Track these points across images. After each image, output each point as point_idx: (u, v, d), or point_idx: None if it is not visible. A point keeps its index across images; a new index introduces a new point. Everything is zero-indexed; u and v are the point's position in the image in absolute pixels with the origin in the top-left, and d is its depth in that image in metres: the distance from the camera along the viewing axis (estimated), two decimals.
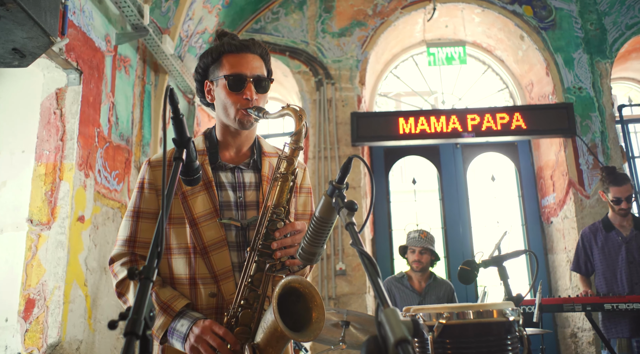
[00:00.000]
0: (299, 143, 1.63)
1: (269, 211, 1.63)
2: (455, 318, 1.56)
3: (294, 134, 1.63)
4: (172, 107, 1.36)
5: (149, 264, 1.08)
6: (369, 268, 1.10)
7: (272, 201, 1.64)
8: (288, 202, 1.65)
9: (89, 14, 3.72)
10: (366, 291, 5.14)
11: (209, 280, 1.65)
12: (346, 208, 1.29)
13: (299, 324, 1.57)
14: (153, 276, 1.05)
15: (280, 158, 1.67)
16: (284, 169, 1.64)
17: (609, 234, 3.78)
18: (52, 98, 3.58)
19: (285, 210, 1.64)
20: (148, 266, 1.06)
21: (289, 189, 1.65)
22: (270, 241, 1.61)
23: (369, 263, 1.11)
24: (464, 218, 5.75)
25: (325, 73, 5.75)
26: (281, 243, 1.60)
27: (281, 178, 1.65)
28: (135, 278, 1.04)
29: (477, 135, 5.34)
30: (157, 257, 1.10)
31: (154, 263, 1.08)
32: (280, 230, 1.61)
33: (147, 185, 1.75)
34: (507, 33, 5.88)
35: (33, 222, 3.37)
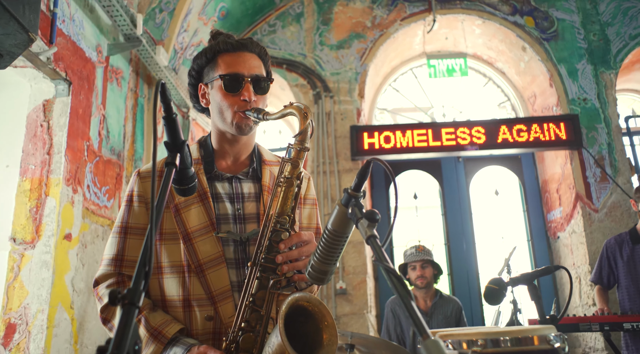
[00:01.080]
0: (304, 144, 1.47)
1: (271, 220, 1.46)
2: (491, 345, 1.36)
3: (299, 134, 1.46)
4: (164, 105, 1.20)
5: (135, 286, 0.90)
6: (399, 289, 0.93)
7: (275, 210, 1.46)
8: (293, 210, 1.48)
9: (79, 23, 3.58)
10: (368, 310, 4.92)
11: (205, 302, 1.48)
12: (366, 219, 1.11)
13: (308, 347, 1.40)
14: (139, 301, 0.87)
15: (284, 161, 1.50)
16: (288, 173, 1.47)
17: (636, 247, 3.59)
18: (39, 110, 3.40)
19: (290, 219, 1.47)
20: (133, 289, 0.89)
21: (294, 195, 1.48)
22: (274, 254, 1.44)
23: (399, 283, 0.94)
24: (467, 234, 5.57)
25: (323, 86, 5.61)
26: (287, 256, 1.43)
27: (285, 183, 1.47)
28: (117, 304, 0.86)
29: (480, 148, 5.19)
30: (144, 278, 0.93)
31: (140, 285, 0.91)
32: (285, 242, 1.43)
33: (137, 197, 1.59)
34: (508, 44, 5.78)
35: (16, 241, 3.17)
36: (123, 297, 0.87)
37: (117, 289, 0.87)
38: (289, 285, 1.49)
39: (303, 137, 1.46)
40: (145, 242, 0.93)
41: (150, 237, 0.96)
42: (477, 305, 5.35)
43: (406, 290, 0.93)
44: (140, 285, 0.91)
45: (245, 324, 1.40)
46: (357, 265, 5.05)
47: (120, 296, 0.87)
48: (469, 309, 5.21)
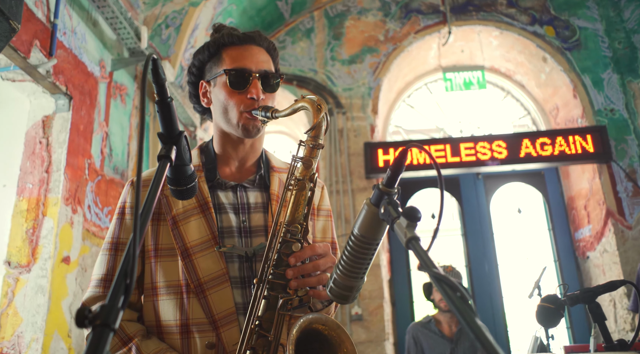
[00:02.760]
0: (318, 140, 1.26)
1: (281, 230, 1.24)
2: None
3: (312, 128, 1.26)
4: (156, 86, 1.00)
5: (111, 303, 0.69)
6: (457, 304, 0.69)
7: (284, 217, 1.25)
8: (306, 218, 1.26)
9: (81, 36, 3.43)
10: (385, 338, 4.62)
11: (206, 327, 1.28)
12: (405, 218, 0.89)
13: None
14: (114, 322, 0.67)
15: (295, 160, 1.28)
16: (300, 174, 1.26)
17: None
18: (38, 127, 3.24)
19: (303, 228, 1.25)
20: (108, 307, 0.69)
21: (307, 201, 1.26)
22: (283, 269, 1.23)
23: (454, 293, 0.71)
24: (489, 255, 5.27)
25: (335, 102, 5.42)
26: (299, 270, 1.22)
27: (296, 187, 1.25)
28: (87, 325, 0.65)
29: (501, 163, 4.94)
30: (124, 293, 0.71)
31: (117, 302, 0.70)
32: (296, 255, 1.22)
33: (129, 209, 1.40)
34: (527, 55, 5.57)
35: (11, 264, 2.96)
36: (94, 317, 0.66)
37: (87, 307, 0.66)
38: (302, 305, 1.26)
39: (317, 132, 1.26)
40: (127, 249, 0.73)
41: (133, 243, 0.74)
42: (502, 331, 5.02)
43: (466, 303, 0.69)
44: (118, 302, 0.70)
45: (250, 352, 1.19)
46: (374, 289, 4.78)
47: (90, 315, 0.66)
48: (492, 333, 4.88)
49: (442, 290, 0.71)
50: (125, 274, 0.72)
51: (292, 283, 1.21)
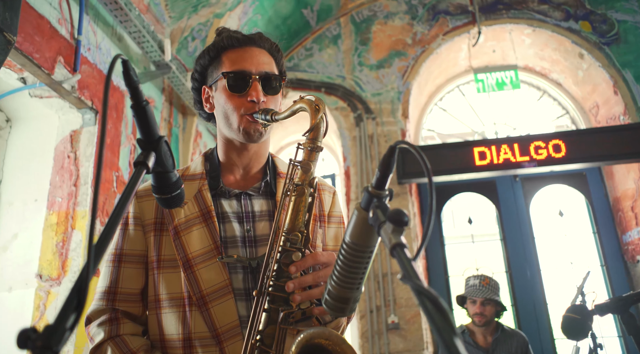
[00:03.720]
0: (316, 143, 1.20)
1: (280, 238, 1.18)
2: None
3: (310, 130, 1.20)
4: (130, 89, 0.95)
5: (56, 323, 0.64)
6: (434, 316, 0.63)
7: (283, 225, 1.19)
8: (307, 225, 1.20)
9: (106, 51, 3.49)
10: (424, 347, 4.47)
11: (209, 341, 1.23)
12: (390, 223, 0.81)
13: None
14: (58, 344, 0.62)
15: (292, 164, 1.22)
16: (299, 179, 1.20)
17: None
18: (66, 141, 3.29)
19: (304, 236, 1.19)
20: (52, 328, 0.64)
21: (307, 207, 1.21)
22: (284, 280, 1.17)
23: (435, 309, 0.64)
24: (530, 260, 5.04)
25: (364, 107, 5.34)
26: (300, 282, 1.15)
27: (295, 193, 1.19)
28: (27, 347, 0.59)
29: (539, 164, 4.73)
30: (75, 310, 0.67)
31: (65, 322, 0.65)
32: (296, 264, 1.16)
33: (132, 220, 1.37)
34: (563, 53, 5.35)
35: (42, 277, 3.01)
36: (36, 338, 0.61)
37: (30, 328, 0.61)
38: (305, 318, 1.19)
39: (315, 134, 1.21)
40: (81, 271, 0.67)
41: (89, 254, 0.70)
42: (548, 340, 4.77)
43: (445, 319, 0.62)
44: (66, 322, 0.65)
45: None
46: (410, 297, 4.64)
47: (33, 336, 0.61)
48: (537, 344, 4.65)
49: (422, 305, 0.63)
50: (78, 292, 0.67)
51: (296, 297, 1.15)
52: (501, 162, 4.81)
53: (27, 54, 2.77)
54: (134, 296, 1.32)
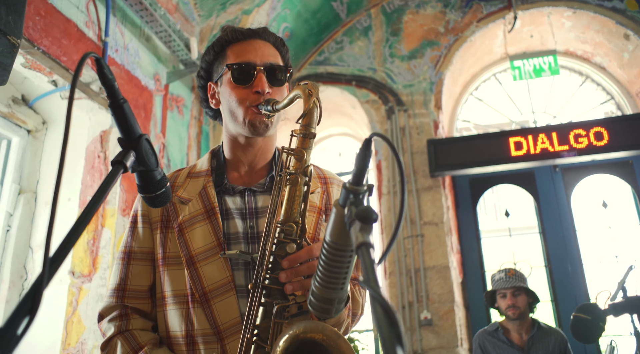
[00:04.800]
0: (309, 129, 1.18)
1: (274, 229, 1.17)
2: None
3: (302, 116, 1.18)
4: (105, 88, 0.95)
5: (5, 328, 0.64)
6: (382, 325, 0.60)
7: (277, 216, 1.18)
8: (302, 216, 1.17)
9: (134, 52, 3.56)
10: (458, 344, 4.37)
11: (211, 338, 1.24)
12: (358, 221, 0.79)
13: None
14: (7, 350, 0.62)
15: (286, 152, 1.21)
16: (293, 168, 1.18)
17: None
18: (96, 142, 3.39)
19: (298, 227, 1.17)
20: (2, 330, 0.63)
21: (302, 197, 1.18)
22: (278, 272, 1.15)
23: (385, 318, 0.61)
24: (572, 254, 4.83)
25: (395, 99, 5.25)
26: (293, 272, 1.13)
27: (289, 182, 1.17)
28: None
29: (579, 153, 4.51)
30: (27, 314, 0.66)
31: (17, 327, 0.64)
32: (290, 258, 1.14)
33: (141, 218, 1.39)
34: (606, 34, 5.08)
35: (75, 274, 3.11)
36: None
37: None
38: (302, 313, 1.17)
39: (308, 119, 1.18)
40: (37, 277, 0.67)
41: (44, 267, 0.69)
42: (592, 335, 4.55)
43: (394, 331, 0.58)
44: (17, 327, 0.64)
45: None
46: (443, 293, 4.54)
47: None
48: (580, 344, 4.44)
49: (374, 311, 0.60)
50: (33, 297, 0.66)
51: (288, 287, 1.13)
52: (538, 151, 4.63)
53: (54, 58, 2.86)
54: (142, 293, 1.34)
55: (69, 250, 0.74)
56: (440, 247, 4.67)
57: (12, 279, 3.07)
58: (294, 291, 1.13)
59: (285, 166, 1.22)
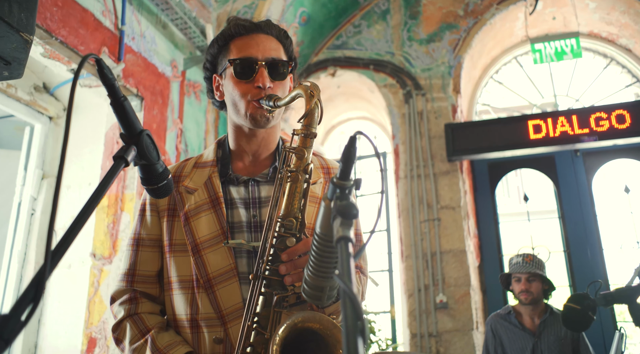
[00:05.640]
0: (310, 129, 1.23)
1: (274, 223, 1.22)
2: None
3: (304, 116, 1.23)
4: (106, 87, 0.99)
5: (10, 314, 0.68)
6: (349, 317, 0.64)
7: (279, 211, 1.23)
8: (302, 211, 1.23)
9: (150, 39, 3.62)
10: (473, 327, 4.40)
11: (215, 322, 1.30)
12: (339, 216, 0.82)
13: None
14: (10, 335, 0.66)
15: (287, 150, 1.26)
16: (294, 165, 1.23)
17: None
18: (115, 128, 3.47)
19: (298, 221, 1.22)
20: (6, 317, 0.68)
21: (302, 193, 1.23)
22: (278, 264, 1.20)
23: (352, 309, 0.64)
24: (592, 239, 4.77)
25: (414, 83, 5.21)
26: (292, 265, 1.18)
27: (290, 179, 1.22)
28: None
29: (600, 137, 4.44)
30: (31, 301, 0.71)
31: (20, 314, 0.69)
32: (288, 251, 1.19)
33: (149, 206, 1.45)
34: (633, 15, 4.93)
35: (96, 256, 3.23)
36: None
37: None
38: (300, 302, 1.22)
39: (309, 120, 1.23)
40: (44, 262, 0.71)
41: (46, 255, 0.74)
42: (610, 326, 4.52)
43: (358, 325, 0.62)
44: (21, 314, 0.69)
45: (250, 349, 1.18)
46: (459, 276, 4.55)
47: None
48: (598, 330, 4.43)
49: (343, 304, 0.64)
50: (37, 285, 0.71)
51: (287, 279, 1.19)
52: (558, 135, 4.56)
53: (72, 47, 2.93)
54: (151, 278, 1.41)
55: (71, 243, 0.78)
56: (456, 231, 4.67)
57: (37, 260, 3.21)
58: (293, 282, 1.18)
59: (287, 164, 1.26)
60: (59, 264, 0.77)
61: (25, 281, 3.15)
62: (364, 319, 0.62)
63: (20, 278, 3.16)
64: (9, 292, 3.11)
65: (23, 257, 3.20)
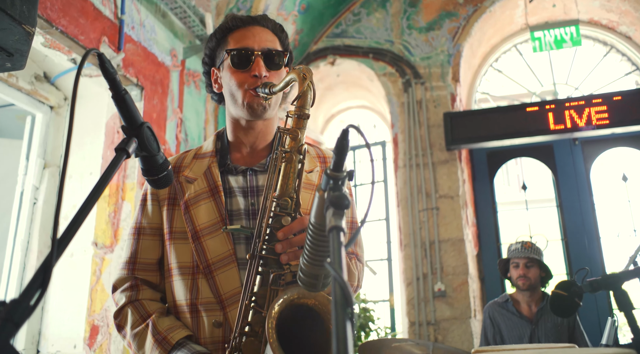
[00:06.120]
0: (303, 110, 1.26)
1: (270, 203, 1.25)
2: None
3: (297, 98, 1.26)
4: (108, 81, 1.02)
5: (20, 299, 0.71)
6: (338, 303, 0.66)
7: (274, 191, 1.26)
8: (296, 191, 1.26)
9: (150, 28, 3.62)
10: (471, 315, 4.45)
11: (214, 306, 1.34)
12: (332, 206, 0.85)
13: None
14: (20, 318, 0.70)
15: (282, 131, 1.30)
16: (288, 146, 1.26)
17: None
18: (115, 118, 3.49)
19: (293, 201, 1.26)
20: (16, 302, 0.70)
21: (297, 173, 1.27)
22: (274, 243, 1.23)
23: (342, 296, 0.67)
24: (589, 228, 4.81)
25: (413, 72, 5.21)
26: (287, 243, 1.22)
27: (285, 159, 1.25)
28: None
29: (598, 127, 4.45)
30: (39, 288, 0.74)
31: (30, 299, 0.72)
32: (284, 230, 1.22)
33: (150, 196, 1.49)
34: (633, 2, 4.92)
35: (97, 245, 3.26)
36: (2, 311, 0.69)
37: (1, 301, 0.70)
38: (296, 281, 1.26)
39: (302, 101, 1.26)
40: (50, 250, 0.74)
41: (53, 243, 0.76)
42: (606, 313, 4.57)
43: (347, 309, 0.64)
44: (31, 299, 0.72)
45: (248, 328, 1.22)
46: (457, 265, 4.60)
47: (1, 309, 0.69)
48: (594, 317, 4.47)
49: (333, 290, 0.66)
50: (44, 272, 0.74)
51: (283, 257, 1.22)
52: (556, 124, 4.58)
53: (72, 37, 2.94)
54: (151, 266, 1.45)
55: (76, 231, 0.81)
56: (455, 220, 4.70)
57: (40, 249, 3.24)
58: (289, 261, 1.22)
59: (281, 145, 1.29)
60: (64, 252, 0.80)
61: (28, 270, 3.18)
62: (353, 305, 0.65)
63: (24, 266, 3.20)
64: (13, 280, 3.15)
65: (26, 246, 3.23)
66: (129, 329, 1.37)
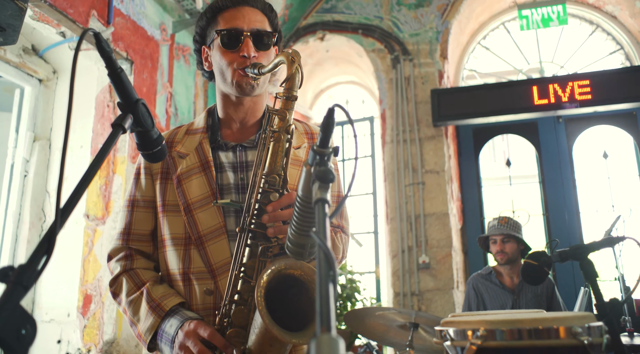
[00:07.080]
0: (291, 92, 1.32)
1: (259, 180, 1.32)
2: (498, 337, 1.06)
3: (286, 80, 1.32)
4: (104, 59, 1.07)
5: (27, 264, 0.78)
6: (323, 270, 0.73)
7: (262, 168, 1.33)
8: (284, 169, 1.34)
9: (139, 2, 3.61)
10: (453, 286, 4.60)
11: (205, 275, 1.41)
12: (317, 180, 0.92)
13: (301, 323, 1.23)
14: (28, 281, 0.76)
15: (270, 112, 1.35)
16: (277, 126, 1.33)
17: None
18: (105, 91, 3.51)
19: (281, 178, 1.33)
20: (24, 267, 0.76)
21: (285, 151, 1.33)
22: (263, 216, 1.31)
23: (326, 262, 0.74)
24: (569, 203, 4.95)
25: (401, 49, 5.25)
26: (274, 216, 1.29)
27: (273, 138, 1.32)
28: (4, 281, 0.75)
29: (581, 105, 4.55)
30: (44, 254, 0.80)
31: (37, 264, 0.78)
32: (273, 204, 1.30)
33: (144, 170, 1.56)
34: None
35: (89, 217, 3.32)
36: (12, 274, 0.76)
37: (9, 266, 0.77)
38: (284, 253, 1.34)
39: (290, 83, 1.32)
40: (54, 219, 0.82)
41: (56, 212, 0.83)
42: (582, 284, 4.74)
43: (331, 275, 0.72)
44: (38, 264, 0.79)
45: (237, 296, 1.30)
46: (442, 238, 4.73)
47: (10, 273, 0.76)
48: (572, 289, 4.64)
49: (318, 257, 0.73)
50: (49, 239, 0.80)
51: (270, 230, 1.30)
52: (541, 101, 4.66)
53: (61, 10, 2.94)
54: (145, 236, 1.52)
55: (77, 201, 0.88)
56: (440, 195, 4.82)
57: (32, 220, 3.30)
58: (275, 234, 1.30)
59: (270, 124, 1.36)
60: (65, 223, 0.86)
61: (20, 241, 3.24)
62: (336, 270, 0.72)
63: (16, 238, 3.26)
64: (5, 251, 3.21)
65: (17, 218, 3.29)
66: (124, 296, 1.45)
